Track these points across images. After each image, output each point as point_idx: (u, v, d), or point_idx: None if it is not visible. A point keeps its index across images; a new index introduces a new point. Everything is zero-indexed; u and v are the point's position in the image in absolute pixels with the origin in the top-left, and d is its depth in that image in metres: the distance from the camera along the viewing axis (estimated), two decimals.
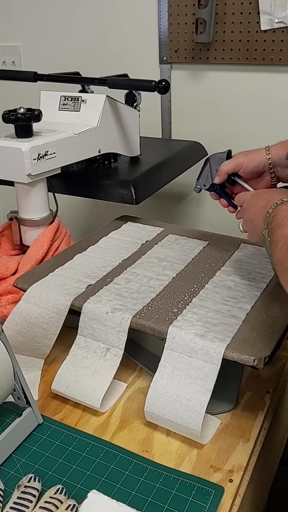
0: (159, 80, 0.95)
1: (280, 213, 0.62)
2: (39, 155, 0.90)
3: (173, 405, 0.66)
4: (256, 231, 0.69)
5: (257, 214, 0.68)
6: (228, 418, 0.71)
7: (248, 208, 0.72)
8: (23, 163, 0.89)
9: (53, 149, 0.93)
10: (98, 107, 1.02)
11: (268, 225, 0.64)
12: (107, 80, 1.00)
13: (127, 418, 0.71)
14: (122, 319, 0.73)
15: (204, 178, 0.87)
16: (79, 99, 1.04)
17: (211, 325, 0.70)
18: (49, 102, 1.07)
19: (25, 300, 0.79)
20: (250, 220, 0.71)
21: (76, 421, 0.71)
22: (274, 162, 0.81)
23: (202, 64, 1.38)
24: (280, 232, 0.59)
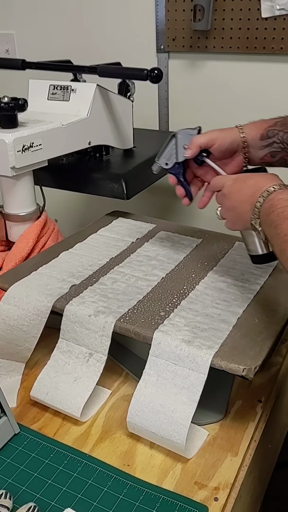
0: (152, 68, 0.90)
1: (278, 203, 0.58)
2: (23, 147, 0.86)
3: (157, 417, 0.62)
4: (240, 220, 0.65)
5: (242, 202, 0.64)
6: (216, 429, 0.67)
7: (229, 195, 0.67)
8: (6, 155, 0.84)
9: (39, 140, 0.88)
10: (88, 96, 0.97)
11: (261, 215, 0.60)
12: (97, 68, 0.95)
13: (109, 428, 0.67)
14: (105, 323, 0.68)
15: (167, 155, 0.76)
16: (69, 88, 0.99)
17: (200, 330, 0.66)
18: (37, 91, 1.02)
19: (5, 301, 0.75)
20: (233, 208, 0.66)
21: (55, 431, 0.67)
22: (248, 141, 0.75)
23: (200, 53, 1.32)
24: (287, 226, 0.55)
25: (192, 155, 0.74)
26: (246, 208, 0.63)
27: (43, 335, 0.73)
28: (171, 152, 0.76)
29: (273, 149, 0.76)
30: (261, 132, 0.75)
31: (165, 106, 1.43)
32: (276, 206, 0.58)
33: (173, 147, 0.76)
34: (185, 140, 0.74)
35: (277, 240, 0.56)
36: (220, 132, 0.75)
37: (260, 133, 0.75)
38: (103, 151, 1.09)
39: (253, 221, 0.61)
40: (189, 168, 0.78)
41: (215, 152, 0.75)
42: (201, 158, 0.74)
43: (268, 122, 0.76)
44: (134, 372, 0.76)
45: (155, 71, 0.90)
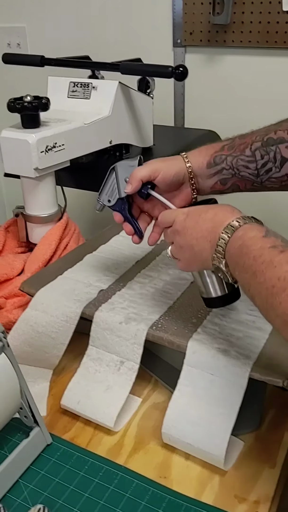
0: (177, 65, 0.88)
1: (252, 244, 0.50)
2: (47, 147, 0.84)
3: (194, 428, 0.60)
4: (197, 259, 0.58)
5: (199, 239, 0.56)
6: (251, 439, 0.65)
7: (184, 231, 0.58)
8: (30, 156, 0.82)
9: (61, 140, 0.86)
10: (110, 94, 0.95)
11: (228, 256, 0.53)
12: (119, 65, 0.92)
13: (142, 438, 0.66)
14: (137, 331, 0.67)
15: (109, 191, 0.69)
16: (89, 85, 0.97)
17: (235, 338, 0.64)
18: (57, 89, 1.00)
19: (33, 307, 0.73)
20: (189, 246, 0.58)
21: (88, 441, 0.66)
22: (194, 171, 0.68)
23: (218, 47, 1.30)
24: (274, 273, 0.46)
25: (133, 190, 0.66)
26: (205, 246, 0.55)
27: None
28: (112, 188, 0.69)
29: (223, 176, 0.68)
30: (207, 160, 0.68)
31: (181, 101, 1.40)
32: (249, 248, 0.50)
33: (114, 181, 0.69)
34: (125, 173, 0.68)
35: (260, 290, 0.48)
36: (162, 162, 0.68)
37: (206, 160, 0.68)
38: (123, 150, 1.06)
39: (216, 261, 0.54)
40: (134, 202, 0.71)
41: (160, 185, 0.67)
42: (145, 191, 0.67)
43: (214, 147, 0.69)
44: (164, 379, 0.74)
45: (180, 68, 0.88)
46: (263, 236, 0.50)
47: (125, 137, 1.02)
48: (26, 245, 1.00)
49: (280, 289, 0.45)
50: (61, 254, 0.93)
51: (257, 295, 0.49)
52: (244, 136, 0.70)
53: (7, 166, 0.86)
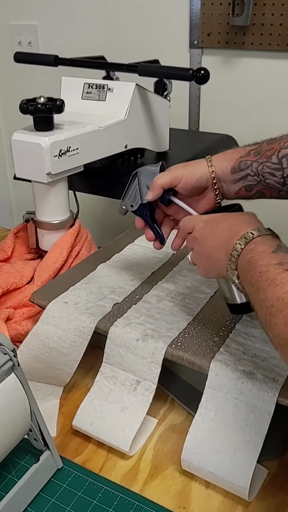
0: (198, 68, 0.84)
1: (260, 258, 0.49)
2: (60, 152, 0.80)
3: (216, 456, 0.56)
4: (214, 268, 0.57)
5: (216, 248, 0.56)
6: (276, 466, 0.61)
7: (201, 239, 0.59)
8: (42, 160, 0.79)
9: (76, 144, 0.83)
10: (126, 97, 0.91)
11: (239, 267, 0.52)
12: (137, 67, 0.89)
13: (159, 463, 0.62)
14: (155, 349, 0.63)
15: (132, 197, 0.69)
16: (105, 87, 0.93)
17: (260, 359, 0.60)
18: (71, 90, 0.96)
19: (44, 321, 0.69)
20: (206, 255, 0.58)
21: (101, 466, 0.62)
22: (218, 176, 0.66)
23: (237, 49, 1.26)
24: (274, 293, 0.45)
25: (154, 197, 0.66)
26: (221, 256, 0.55)
27: None
28: (135, 193, 0.69)
29: (248, 182, 0.66)
30: (231, 165, 0.66)
31: (197, 104, 1.36)
32: (257, 263, 0.49)
33: (136, 187, 0.69)
34: (147, 179, 0.67)
35: (261, 307, 0.47)
36: (184, 169, 0.66)
37: (230, 165, 0.66)
38: (137, 154, 1.03)
39: (230, 272, 0.53)
40: (158, 207, 0.70)
41: (181, 191, 0.66)
42: (167, 197, 0.66)
43: (240, 152, 0.66)
44: (181, 398, 0.70)
45: (201, 71, 0.84)
46: (272, 251, 0.49)
47: (140, 142, 0.98)
48: (36, 251, 0.96)
49: (277, 309, 0.44)
50: (72, 262, 0.89)
51: (259, 312, 0.49)
52: (273, 141, 0.66)
53: (19, 170, 0.83)
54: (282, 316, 0.43)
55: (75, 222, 0.91)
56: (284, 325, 0.43)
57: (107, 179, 0.99)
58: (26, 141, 0.79)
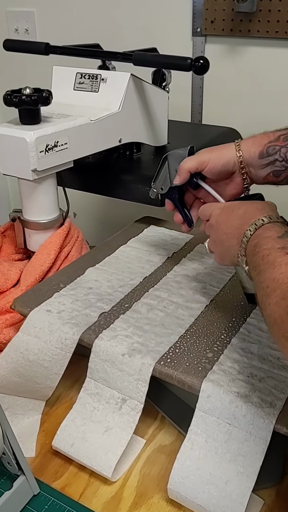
0: (197, 57, 0.78)
1: (264, 243, 0.49)
2: (47, 147, 0.74)
3: (206, 487, 0.51)
4: (228, 255, 0.58)
5: (229, 235, 0.56)
6: (272, 496, 0.56)
7: (217, 225, 0.59)
8: (27, 156, 0.73)
9: (64, 139, 0.77)
10: (120, 87, 0.85)
11: (247, 253, 0.52)
12: (132, 56, 0.82)
13: (145, 489, 0.57)
14: (142, 365, 0.57)
15: (162, 180, 0.71)
16: (98, 77, 0.87)
17: (257, 380, 0.55)
18: (62, 80, 0.90)
19: (24, 331, 0.64)
20: (220, 241, 0.59)
21: (81, 491, 0.57)
22: (245, 160, 0.66)
23: (242, 37, 1.18)
24: (271, 275, 0.45)
25: (181, 182, 0.67)
26: (233, 242, 0.55)
27: None
28: (164, 176, 0.70)
29: (276, 167, 0.65)
30: (260, 150, 0.65)
31: (199, 95, 1.30)
32: (261, 247, 0.49)
33: (166, 171, 0.70)
34: (175, 163, 0.69)
35: (259, 289, 0.47)
36: (211, 153, 0.67)
37: (258, 150, 0.65)
38: (134, 148, 0.97)
39: (240, 258, 0.53)
40: (188, 190, 0.70)
41: (208, 175, 0.67)
42: (195, 181, 0.67)
43: (269, 137, 0.66)
44: (172, 416, 0.65)
45: (200, 61, 0.78)
46: (278, 236, 0.49)
47: (136, 136, 0.92)
48: (24, 251, 0.91)
49: (272, 290, 0.44)
50: (61, 265, 0.83)
51: (258, 294, 0.48)
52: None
53: (3, 166, 0.77)
54: (274, 296, 0.43)
55: (65, 222, 0.86)
56: (275, 304, 0.43)
57: (100, 175, 0.93)
58: (10, 135, 0.73)
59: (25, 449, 0.60)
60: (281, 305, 0.42)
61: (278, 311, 0.42)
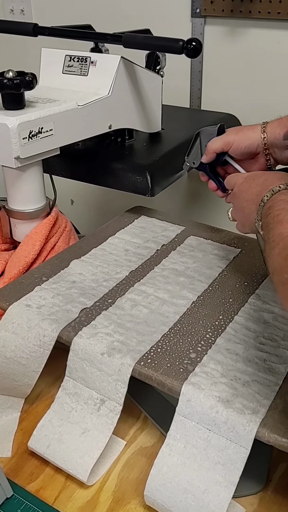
0: (189, 39, 0.74)
1: (277, 205, 0.51)
2: (30, 133, 0.71)
3: (183, 496, 0.49)
4: (247, 221, 0.59)
5: (249, 202, 0.58)
6: (255, 504, 0.54)
7: (239, 193, 0.62)
8: (9, 143, 0.70)
9: (49, 125, 0.73)
10: (110, 71, 0.81)
11: (262, 217, 0.53)
12: (122, 37, 0.78)
13: (122, 494, 0.55)
14: (121, 365, 0.55)
15: (194, 155, 0.75)
16: (87, 60, 0.83)
17: (241, 384, 0.52)
18: (51, 63, 0.87)
19: (2, 327, 0.62)
20: (241, 208, 0.61)
21: (56, 495, 0.55)
22: (270, 142, 0.69)
23: (242, 18, 1.14)
24: (278, 230, 0.47)
25: (208, 160, 0.73)
26: (252, 209, 0.57)
27: (47, 359, 0.60)
28: (196, 152, 0.75)
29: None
30: (285, 131, 0.67)
31: (198, 80, 1.25)
32: (274, 208, 0.51)
33: (198, 146, 0.74)
34: (206, 140, 0.73)
35: (267, 245, 0.49)
36: (237, 134, 0.71)
37: (284, 131, 0.67)
38: (125, 135, 0.93)
39: (256, 223, 0.54)
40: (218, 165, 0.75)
41: (233, 155, 0.71)
42: (222, 159, 0.72)
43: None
44: (155, 417, 0.63)
45: (192, 43, 0.73)
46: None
47: (127, 122, 0.89)
48: (11, 241, 0.88)
49: (276, 243, 0.46)
50: (47, 256, 0.81)
51: (265, 251, 0.49)
52: None
53: None
54: (278, 248, 0.45)
55: (52, 211, 0.83)
56: (277, 254, 0.45)
57: (88, 163, 0.89)
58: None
59: (1, 448, 0.59)
60: (281, 254, 0.44)
61: (279, 260, 0.44)
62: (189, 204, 1.36)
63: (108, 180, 0.87)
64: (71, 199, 1.62)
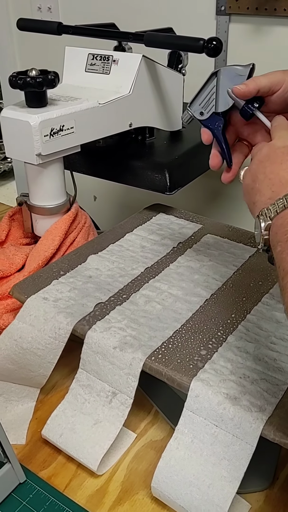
0: (209, 38, 0.74)
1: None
2: (52, 131, 0.73)
3: (188, 489, 0.50)
4: (251, 198, 0.47)
5: (267, 180, 0.45)
6: (261, 501, 0.54)
7: (263, 157, 0.48)
8: (31, 140, 0.72)
9: (70, 122, 0.75)
10: (131, 70, 0.82)
11: (273, 223, 0.43)
12: (143, 36, 0.79)
13: (130, 485, 0.56)
14: (133, 360, 0.56)
15: (204, 102, 0.56)
16: (110, 58, 0.84)
17: (249, 382, 0.53)
18: (74, 61, 0.88)
19: (20, 319, 0.64)
20: (254, 177, 0.47)
21: (67, 482, 0.56)
22: None
23: (268, 16, 1.13)
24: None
25: (247, 94, 0.53)
26: (265, 192, 0.45)
27: (63, 351, 0.62)
28: (209, 98, 0.56)
29: None
30: None
31: None
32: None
33: (213, 90, 0.55)
34: (230, 81, 0.54)
35: (282, 266, 0.41)
36: (285, 74, 0.54)
37: None
38: (146, 133, 0.94)
39: (262, 217, 0.44)
40: (231, 125, 0.58)
41: (276, 103, 0.54)
42: (251, 108, 0.53)
43: None
44: (166, 412, 0.64)
45: (213, 42, 0.74)
46: None
47: (148, 120, 0.89)
48: (32, 236, 0.90)
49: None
50: (66, 251, 0.82)
51: (280, 273, 0.41)
52: None
53: (9, 150, 0.76)
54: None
55: (72, 207, 0.84)
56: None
57: (111, 161, 0.91)
58: (14, 118, 0.72)
59: (16, 436, 0.61)
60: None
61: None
62: (208, 202, 1.37)
63: (128, 178, 0.88)
64: (94, 196, 1.63)
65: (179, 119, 0.97)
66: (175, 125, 0.96)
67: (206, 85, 0.57)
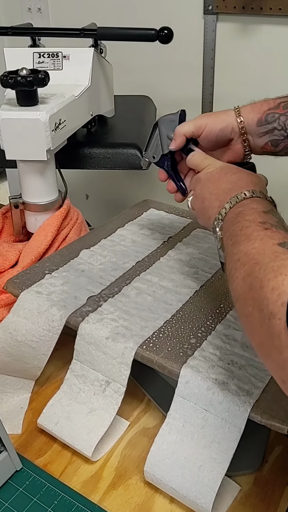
0: (161, 27, 0.80)
1: (248, 213, 0.47)
2: (55, 125, 0.75)
3: (180, 472, 0.52)
4: (204, 215, 0.56)
5: (213, 196, 0.54)
6: (250, 483, 0.56)
7: (205, 182, 0.57)
8: (42, 136, 0.74)
9: (64, 116, 0.78)
10: (86, 63, 0.87)
11: (226, 219, 0.50)
12: (96, 31, 0.84)
13: (124, 470, 0.58)
14: (125, 349, 0.58)
15: (153, 147, 0.68)
16: (60, 55, 0.87)
17: (237, 367, 0.55)
18: (17, 62, 0.88)
19: (14, 312, 0.65)
20: (202, 199, 0.56)
21: (63, 469, 0.58)
22: (246, 126, 0.63)
23: (254, 15, 1.15)
24: (244, 247, 0.43)
25: (177, 146, 0.64)
26: (214, 204, 0.53)
27: (57, 344, 0.63)
28: (156, 144, 0.68)
29: (274, 136, 0.63)
30: (258, 117, 0.62)
31: (210, 76, 1.27)
32: (243, 217, 0.47)
33: (157, 138, 0.67)
34: (167, 129, 0.66)
35: (230, 261, 0.45)
36: (208, 117, 0.64)
37: (257, 117, 0.62)
38: (92, 122, 0.98)
39: (216, 222, 0.51)
40: (181, 160, 0.68)
41: (204, 142, 0.64)
42: (188, 147, 0.65)
43: (269, 104, 0.63)
44: (158, 400, 0.66)
45: (164, 31, 0.81)
46: (263, 211, 0.48)
47: (101, 108, 0.95)
48: (25, 232, 0.92)
49: (241, 264, 0.43)
50: (59, 246, 0.84)
51: (227, 265, 0.47)
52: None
53: (10, 152, 0.76)
54: (243, 270, 0.42)
55: (64, 203, 0.86)
56: (242, 279, 0.41)
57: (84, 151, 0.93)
58: (19, 118, 0.73)
59: (12, 426, 0.63)
60: (246, 281, 0.41)
61: (244, 287, 0.41)
62: None
63: (104, 163, 0.91)
64: (86, 194, 1.65)
65: (113, 106, 1.03)
66: (112, 112, 1.02)
67: (152, 135, 0.68)
